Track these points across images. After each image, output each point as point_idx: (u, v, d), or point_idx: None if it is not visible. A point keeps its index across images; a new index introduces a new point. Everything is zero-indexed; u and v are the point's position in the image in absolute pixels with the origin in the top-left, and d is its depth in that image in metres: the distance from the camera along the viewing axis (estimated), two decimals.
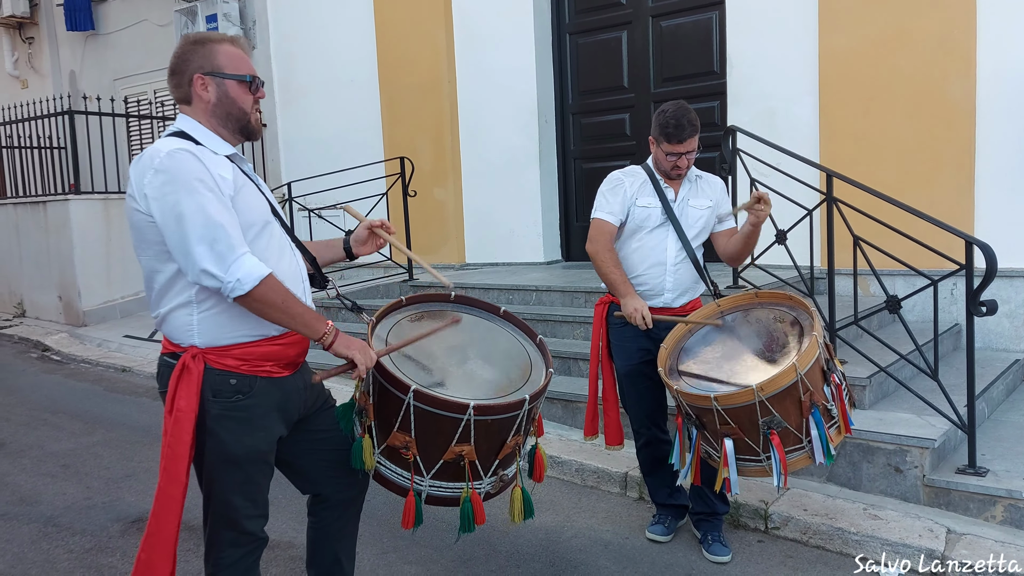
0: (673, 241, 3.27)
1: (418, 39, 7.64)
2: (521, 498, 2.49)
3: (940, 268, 3.64)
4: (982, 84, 5.12)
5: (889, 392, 4.13)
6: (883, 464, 3.60)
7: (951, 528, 3.25)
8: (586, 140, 7.30)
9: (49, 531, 3.72)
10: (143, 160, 2.02)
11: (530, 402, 2.31)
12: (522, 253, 7.31)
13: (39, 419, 5.62)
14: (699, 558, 3.27)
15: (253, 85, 2.18)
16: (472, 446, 2.26)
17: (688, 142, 3.17)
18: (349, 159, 7.75)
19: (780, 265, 4.86)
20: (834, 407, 2.84)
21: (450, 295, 2.66)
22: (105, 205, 8.79)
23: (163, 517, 2.05)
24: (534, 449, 2.61)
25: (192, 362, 2.04)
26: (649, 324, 3.13)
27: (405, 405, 2.20)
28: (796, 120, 5.77)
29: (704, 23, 6.45)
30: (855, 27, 5.47)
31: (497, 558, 3.31)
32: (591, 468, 4.08)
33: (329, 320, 2.16)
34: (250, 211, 2.10)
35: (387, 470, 2.34)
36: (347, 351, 2.13)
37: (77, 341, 8.15)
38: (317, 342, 2.13)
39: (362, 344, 2.17)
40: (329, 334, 2.11)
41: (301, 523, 3.49)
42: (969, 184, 5.18)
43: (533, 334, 2.63)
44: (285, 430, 2.24)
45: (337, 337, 2.12)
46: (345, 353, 2.13)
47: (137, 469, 4.49)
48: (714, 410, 2.76)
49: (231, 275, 1.96)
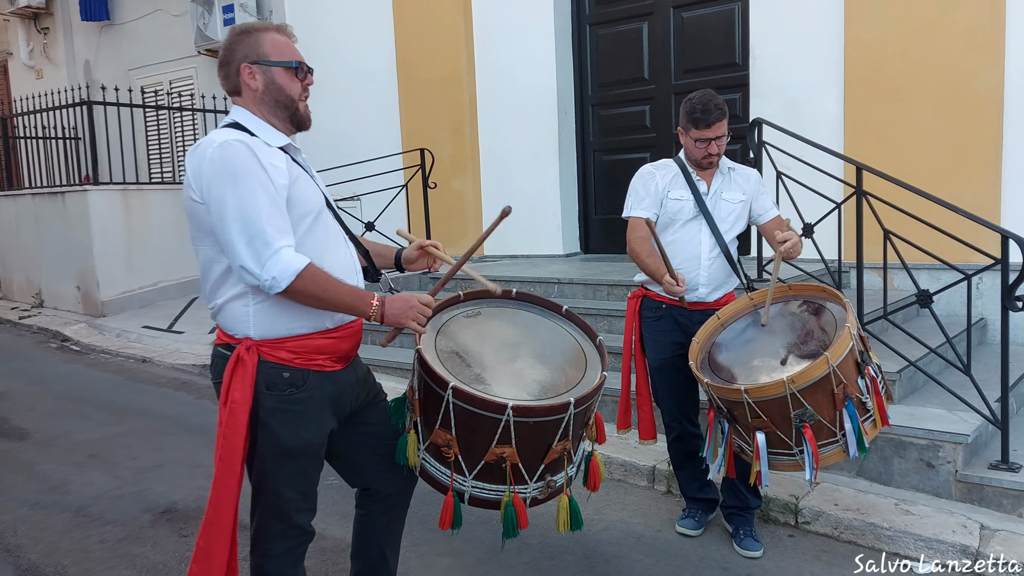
0: (707, 235, 3.25)
1: (437, 31, 7.62)
2: (568, 508, 2.36)
3: (968, 262, 3.62)
4: (1010, 77, 5.07)
5: (919, 386, 4.11)
6: (915, 459, 3.59)
7: (985, 524, 3.24)
8: (606, 132, 7.28)
9: (81, 521, 3.75)
10: (198, 150, 2.03)
11: (576, 406, 2.18)
12: (542, 245, 7.30)
13: (64, 408, 5.65)
14: (731, 552, 3.27)
15: (300, 72, 2.17)
16: (514, 448, 2.17)
17: (716, 126, 3.14)
18: (366, 151, 7.72)
19: (806, 259, 4.82)
20: (869, 400, 2.80)
21: (511, 292, 2.58)
22: (124, 196, 8.82)
23: (221, 506, 2.06)
24: (590, 456, 2.49)
25: (246, 354, 2.05)
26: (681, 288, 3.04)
27: (445, 402, 2.15)
28: (821, 112, 5.73)
29: (726, 14, 6.41)
30: (882, 18, 5.43)
31: (529, 550, 3.32)
32: (619, 461, 4.08)
33: (374, 293, 2.14)
34: (305, 202, 2.10)
35: (432, 468, 2.30)
36: (398, 321, 2.12)
37: (96, 331, 8.18)
38: (369, 320, 2.11)
39: (407, 304, 2.12)
40: (377, 310, 2.09)
41: (331, 515, 3.54)
42: (996, 178, 5.14)
43: (594, 334, 2.51)
44: (336, 424, 2.24)
45: (385, 310, 2.11)
46: (397, 323, 2.12)
47: (165, 459, 4.52)
48: (745, 403, 2.74)
49: (267, 272, 1.96)
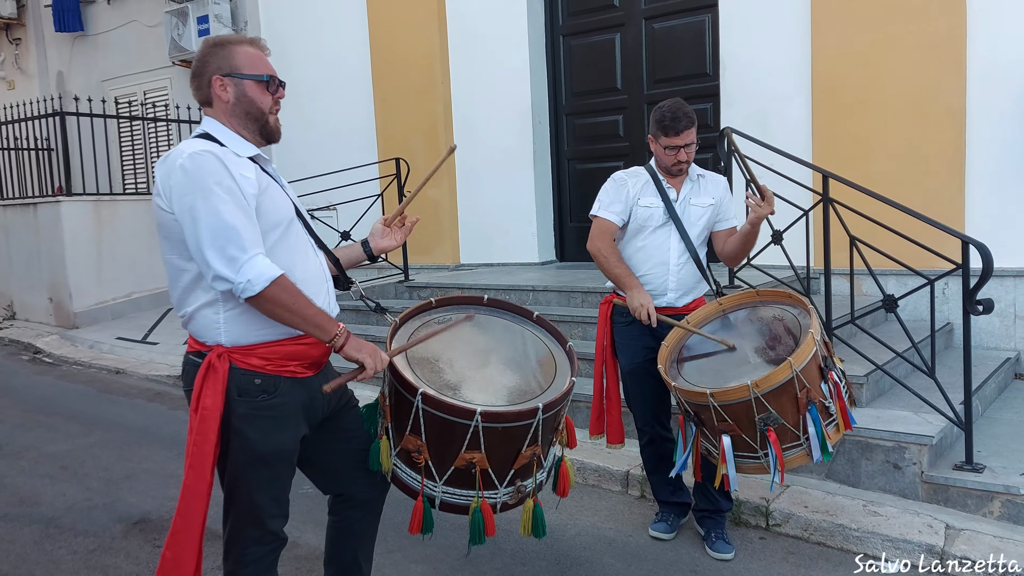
0: (676, 241, 3.30)
1: (412, 40, 7.65)
2: (532, 513, 2.37)
3: (933, 268, 3.70)
4: (972, 85, 5.19)
5: (885, 390, 4.18)
6: (882, 461, 3.65)
7: (950, 524, 3.30)
8: (580, 141, 7.34)
9: (51, 532, 3.71)
10: (168, 160, 2.04)
11: (545, 411, 2.21)
12: (517, 254, 7.34)
13: (34, 421, 5.59)
14: (703, 555, 3.31)
15: (272, 85, 2.20)
16: (483, 454, 2.18)
17: (685, 134, 3.20)
18: (343, 159, 7.74)
19: (776, 265, 4.91)
20: (832, 404, 2.85)
21: (483, 298, 2.59)
22: (96, 207, 8.75)
23: (189, 514, 2.06)
24: (560, 461, 2.50)
25: (218, 361, 2.05)
26: (654, 322, 3.15)
27: (415, 408, 2.17)
28: (789, 121, 5.82)
29: (697, 25, 6.50)
30: (847, 29, 5.53)
31: (502, 556, 3.33)
32: (592, 467, 4.11)
33: (341, 323, 2.16)
34: (275, 211, 2.12)
35: (404, 473, 2.31)
36: (357, 354, 2.12)
37: (68, 343, 8.10)
38: (328, 344, 2.13)
39: (372, 347, 2.16)
40: (340, 336, 2.10)
41: (305, 523, 3.54)
42: (960, 184, 5.25)
43: (564, 340, 2.53)
44: (308, 430, 2.25)
45: (348, 340, 2.12)
46: (355, 356, 2.12)
47: (136, 470, 4.48)
48: (711, 407, 2.79)
49: (242, 276, 1.97)
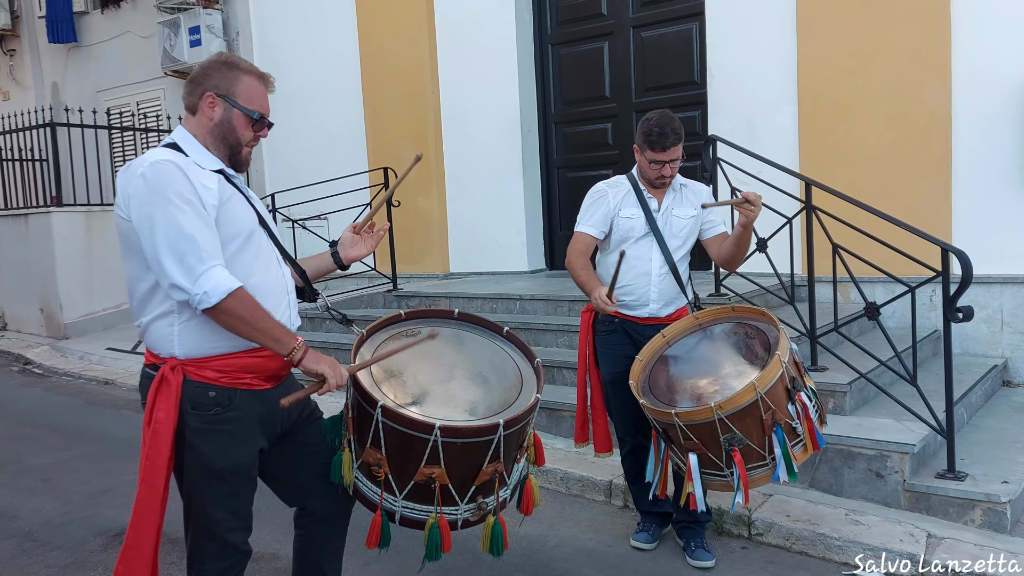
0: (657, 252, 3.28)
1: (402, 48, 7.66)
2: (491, 530, 2.33)
3: (919, 275, 3.68)
4: (957, 93, 5.19)
5: (870, 398, 4.16)
6: (864, 469, 3.63)
7: (931, 532, 3.27)
8: (569, 149, 7.34)
9: (27, 547, 3.68)
10: (129, 169, 2.05)
11: (506, 427, 2.17)
12: (506, 262, 7.33)
13: (18, 433, 5.56)
14: (683, 565, 3.28)
15: (258, 124, 2.20)
16: (443, 469, 2.15)
17: (671, 150, 3.18)
18: (333, 169, 7.74)
19: (762, 273, 4.89)
20: (800, 425, 2.81)
21: (453, 312, 2.57)
22: (87, 218, 8.74)
23: (142, 529, 2.03)
24: (526, 478, 2.46)
25: (171, 374, 2.03)
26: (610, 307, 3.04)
27: (375, 421, 2.15)
28: (776, 129, 5.82)
29: (684, 34, 6.51)
30: (833, 37, 5.53)
31: (480, 568, 3.30)
32: (575, 476, 4.08)
33: (299, 336, 2.14)
34: (236, 222, 2.10)
35: (364, 487, 2.28)
36: (316, 367, 2.09)
37: (59, 354, 8.08)
38: (286, 358, 2.09)
39: (331, 360, 2.14)
40: (298, 350, 2.08)
41: (286, 535, 3.48)
42: (946, 191, 5.24)
43: (532, 356, 2.49)
44: (267, 443, 2.23)
45: (306, 354, 2.09)
46: (314, 369, 2.09)
47: (117, 483, 4.45)
48: (677, 426, 2.78)
49: (199, 287, 1.96)
